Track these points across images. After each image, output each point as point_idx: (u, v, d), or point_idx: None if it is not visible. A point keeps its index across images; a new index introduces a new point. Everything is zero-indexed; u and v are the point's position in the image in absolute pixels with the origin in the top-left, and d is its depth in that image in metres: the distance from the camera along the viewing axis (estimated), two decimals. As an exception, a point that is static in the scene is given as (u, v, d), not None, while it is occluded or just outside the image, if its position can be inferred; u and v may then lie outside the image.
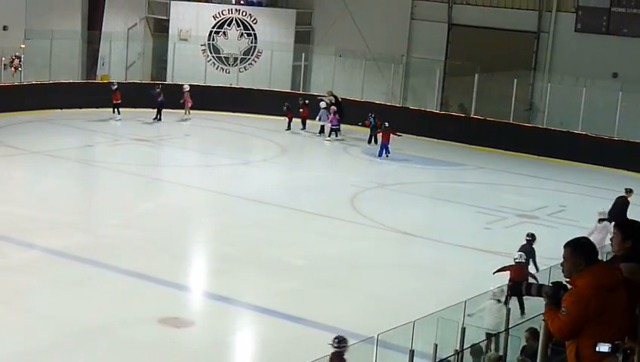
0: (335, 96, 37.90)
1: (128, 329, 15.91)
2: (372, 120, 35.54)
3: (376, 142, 34.68)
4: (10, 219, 21.96)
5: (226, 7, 42.96)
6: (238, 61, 42.81)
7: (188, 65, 41.74)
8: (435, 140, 37.00)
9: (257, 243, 21.73)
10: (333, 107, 36.46)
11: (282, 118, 36.96)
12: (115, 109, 36.24)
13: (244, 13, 42.84)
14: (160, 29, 43.37)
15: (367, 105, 37.95)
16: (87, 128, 34.91)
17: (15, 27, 37.57)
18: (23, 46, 37.46)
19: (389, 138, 33.41)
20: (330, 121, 36.30)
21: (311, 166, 31.82)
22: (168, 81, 41.40)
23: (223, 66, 42.70)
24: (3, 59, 36.93)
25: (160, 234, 21.98)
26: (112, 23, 41.52)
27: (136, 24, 43.04)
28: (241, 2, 43.33)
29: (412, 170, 32.10)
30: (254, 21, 42.76)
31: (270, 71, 41.78)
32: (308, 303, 17.94)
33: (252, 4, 43.58)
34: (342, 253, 21.56)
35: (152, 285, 18.26)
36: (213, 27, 42.65)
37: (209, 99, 38.91)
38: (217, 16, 42.69)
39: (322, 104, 37.00)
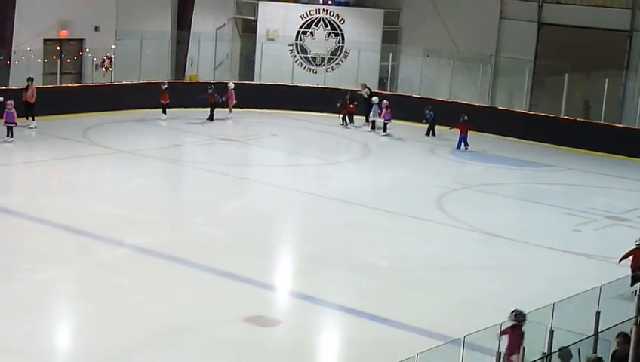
0: (369, 89, 37.93)
1: (214, 327, 16.02)
2: (431, 113, 36.20)
3: (434, 134, 36.08)
4: (100, 217, 22.35)
5: (313, 7, 43.07)
6: (325, 61, 42.86)
7: (275, 66, 41.96)
8: (524, 141, 36.51)
9: (342, 243, 21.69)
10: (385, 101, 36.63)
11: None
12: (163, 110, 36.21)
13: (331, 14, 42.89)
14: (248, 29, 43.71)
15: (454, 105, 37.70)
16: (175, 128, 35.35)
17: (106, 28, 38.28)
18: (113, 46, 38.15)
19: (467, 131, 33.83)
20: (383, 116, 36.43)
21: (397, 166, 31.63)
22: (255, 81, 41.73)
23: (310, 66, 42.82)
24: (95, 59, 37.65)
25: (246, 233, 22.11)
26: (201, 24, 42.00)
27: (224, 24, 43.47)
28: (329, 2, 43.38)
29: (499, 171, 31.70)
30: (342, 21, 42.76)
31: (357, 71, 41.74)
32: (393, 304, 17.82)
33: (340, 4, 43.60)
34: (427, 253, 21.39)
35: (238, 284, 18.36)
36: (300, 27, 42.81)
37: (296, 99, 39.04)
38: (305, 16, 42.83)
39: (375, 99, 37.28)
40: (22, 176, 27.43)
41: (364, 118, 38.02)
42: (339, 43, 42.85)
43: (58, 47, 36.93)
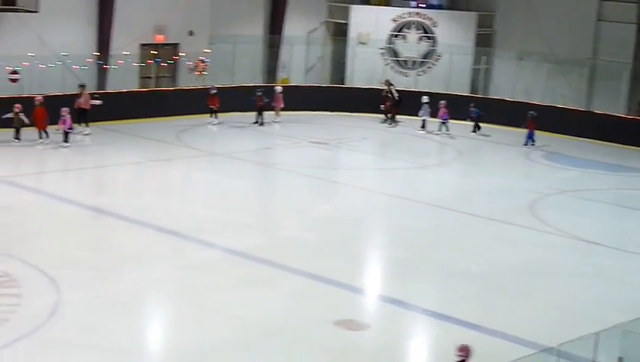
0: (391, 85, 38.22)
1: (304, 330, 16.02)
2: (476, 111, 36.46)
3: (479, 129, 36.60)
4: (192, 219, 22.59)
5: (406, 10, 42.86)
6: (417, 64, 42.63)
7: (366, 69, 41.92)
8: (621, 146, 35.73)
9: (432, 248, 21.52)
10: (443, 101, 36.55)
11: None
12: (213, 114, 35.85)
13: (424, 17, 42.62)
14: (339, 32, 43.72)
15: (548, 108, 37.12)
16: (266, 131, 35.55)
17: (200, 32, 38.75)
18: (207, 50, 38.57)
19: (534, 127, 34.42)
20: (441, 116, 36.42)
21: (489, 170, 31.27)
22: (347, 85, 41.73)
23: (402, 70, 42.61)
24: (189, 63, 38.15)
25: (336, 236, 22.09)
26: (293, 28, 42.20)
27: (316, 28, 43.57)
28: (421, 5, 43.12)
29: (595, 177, 31.05)
30: (434, 24, 42.47)
31: (450, 74, 41.42)
32: (484, 310, 17.58)
33: (432, 7, 43.31)
34: (520, 259, 21.05)
35: (328, 287, 18.33)
36: (392, 31, 42.65)
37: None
38: (397, 19, 42.64)
39: (424, 98, 37.19)
40: (117, 177, 27.90)
41: (383, 114, 38.38)
42: (431, 46, 42.56)
43: (154, 52, 37.53)
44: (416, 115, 37.11)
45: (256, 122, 36.12)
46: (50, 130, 29.94)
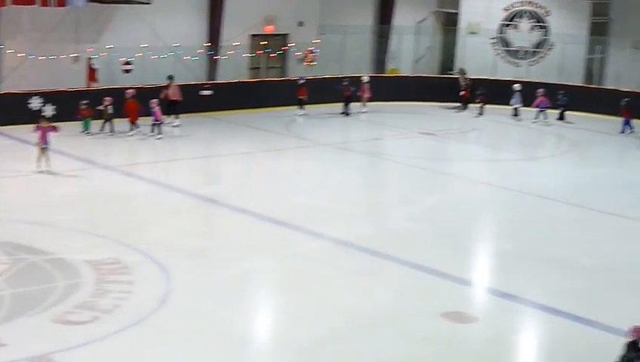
0: (465, 73, 38.15)
1: (412, 321, 15.92)
2: (564, 98, 36.19)
3: (561, 118, 36.36)
4: (301, 209, 22.69)
5: (518, -1, 42.21)
6: (529, 54, 41.89)
7: (476, 59, 41.37)
8: None
9: (543, 240, 21.11)
10: (541, 89, 35.99)
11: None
12: (300, 105, 35.52)
13: (536, 5, 41.84)
14: (449, 22, 43.29)
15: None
16: (375, 121, 35.47)
17: (310, 23, 38.89)
18: (317, 41, 38.67)
19: (630, 115, 34.12)
20: (538, 105, 35.93)
21: (601, 162, 30.52)
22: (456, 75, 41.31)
23: (513, 60, 41.95)
24: (298, 54, 38.32)
25: (444, 228, 21.88)
26: (403, 17, 41.97)
27: (425, 18, 43.24)
28: (534, -6, 42.38)
29: None
30: (547, 13, 41.66)
31: (562, 64, 40.56)
32: (599, 305, 17.16)
33: (546, -5, 42.53)
34: (635, 253, 20.47)
35: (435, 278, 18.17)
36: (503, 20, 42.01)
37: (498, 93, 38.31)
38: (509, 8, 41.99)
39: (516, 86, 36.60)
40: (226, 167, 28.23)
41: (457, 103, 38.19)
42: (543, 36, 41.76)
43: (263, 42, 37.81)
44: (509, 105, 36.76)
45: (344, 112, 36.00)
46: (140, 121, 30.31)
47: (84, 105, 30.01)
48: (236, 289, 17.08)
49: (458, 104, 38.39)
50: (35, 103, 30.79)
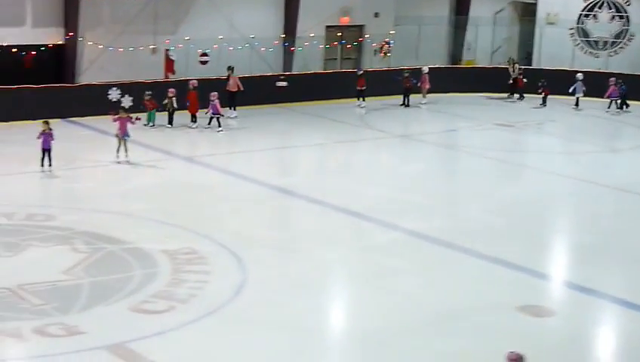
0: (516, 63, 37.56)
1: (488, 314, 15.73)
2: (624, 87, 35.56)
3: (621, 107, 35.97)
4: (375, 200, 22.62)
5: (597, -12, 41.46)
6: (609, 45, 41.12)
7: (554, 50, 40.78)
8: None
9: (621, 234, 20.70)
10: (613, 78, 35.52)
11: None
12: (359, 97, 35.07)
13: (617, -5, 41.07)
14: (527, 13, 42.72)
15: None
16: (450, 112, 35.20)
17: (385, 14, 38.75)
18: (392, 32, 38.51)
19: None
20: (610, 94, 35.61)
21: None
22: (534, 66, 40.72)
23: (592, 50, 41.23)
24: (374, 45, 38.21)
25: (521, 220, 21.60)
26: (479, 9, 41.57)
27: (503, 9, 42.75)
28: (615, -17, 41.58)
29: None
30: (627, 3, 40.83)
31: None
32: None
33: (626, -15, 41.69)
34: None
35: (511, 271, 17.94)
36: (582, 10, 41.29)
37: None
38: (588, -2, 41.32)
39: (579, 76, 35.96)
40: (301, 158, 28.30)
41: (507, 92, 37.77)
42: (623, 26, 40.94)
43: (339, 34, 37.77)
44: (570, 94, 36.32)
45: (403, 104, 35.63)
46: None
47: (148, 97, 29.93)
48: (310, 280, 17.09)
49: (507, 94, 37.79)
50: (113, 94, 31.23)
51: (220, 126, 29.84)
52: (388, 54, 38.09)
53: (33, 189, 22.85)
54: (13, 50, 31.47)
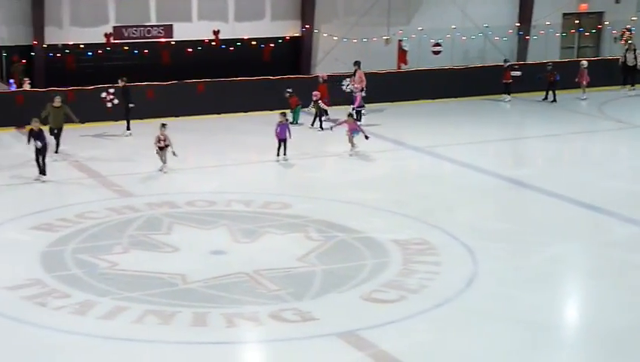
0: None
1: None
2: None
3: None
4: (613, 193, 21.75)
5: None
6: None
7: None
8: None
9: None
10: None
11: None
12: (506, 91, 32.83)
13: None
14: None
15: None
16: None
17: (627, 0, 37.28)
18: (634, 18, 36.98)
19: None
20: None
21: None
22: None
23: None
24: (614, 32, 36.87)
25: None
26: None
27: None
28: None
29: None
30: None
31: None
32: None
33: None
34: None
35: None
36: None
37: None
38: None
39: None
40: (535, 149, 27.68)
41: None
42: None
43: (577, 21, 36.66)
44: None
45: (545, 98, 33.12)
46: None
47: (289, 94, 29.16)
48: (543, 274, 16.64)
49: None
50: (346, 85, 31.69)
51: (321, 125, 28.23)
52: (630, 42, 36.52)
53: (270, 178, 23.56)
54: (253, 43, 32.64)
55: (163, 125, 23.16)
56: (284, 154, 24.27)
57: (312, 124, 28.70)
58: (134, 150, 25.50)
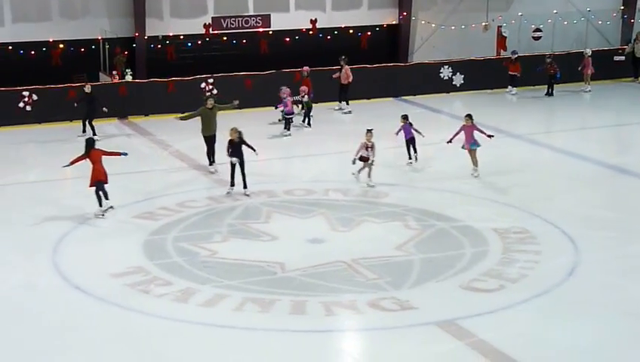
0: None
1: None
2: None
3: None
4: None
5: None
6: None
7: None
8: None
9: None
10: None
11: None
12: (511, 83, 31.56)
13: None
14: None
15: None
16: None
17: None
18: None
19: None
20: None
21: None
22: None
23: None
24: None
25: None
26: None
27: None
28: None
29: None
30: None
31: None
32: None
33: None
34: None
35: None
36: None
37: None
38: None
39: None
40: (637, 136, 27.09)
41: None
42: None
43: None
44: None
45: (548, 93, 31.63)
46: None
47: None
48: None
49: None
50: (445, 73, 31.46)
51: (288, 129, 26.74)
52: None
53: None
54: (350, 31, 32.64)
55: (369, 131, 21.19)
56: (415, 152, 23.02)
57: (304, 121, 27.84)
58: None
